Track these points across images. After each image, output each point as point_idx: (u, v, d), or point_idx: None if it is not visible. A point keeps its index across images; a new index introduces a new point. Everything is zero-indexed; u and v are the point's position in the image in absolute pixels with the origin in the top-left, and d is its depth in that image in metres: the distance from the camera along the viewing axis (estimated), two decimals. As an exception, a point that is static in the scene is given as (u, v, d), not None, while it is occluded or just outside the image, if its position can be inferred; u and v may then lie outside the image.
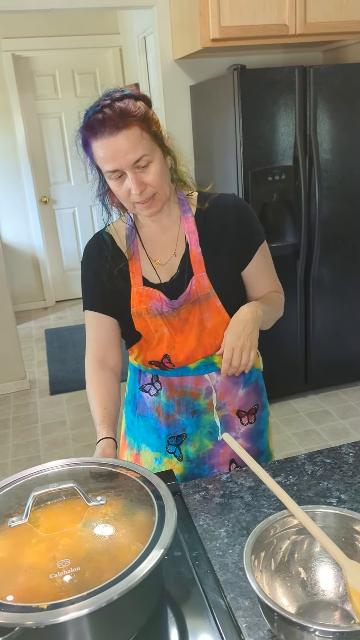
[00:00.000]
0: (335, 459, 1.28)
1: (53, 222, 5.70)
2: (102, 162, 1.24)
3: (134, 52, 4.56)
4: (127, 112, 1.22)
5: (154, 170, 1.25)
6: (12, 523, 0.88)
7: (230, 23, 2.89)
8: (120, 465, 1.04)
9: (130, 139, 1.21)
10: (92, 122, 1.23)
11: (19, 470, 2.82)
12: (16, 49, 4.98)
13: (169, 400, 1.46)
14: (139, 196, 1.26)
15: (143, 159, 1.23)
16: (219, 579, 0.97)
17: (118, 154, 1.21)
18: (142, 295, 1.38)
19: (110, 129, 1.20)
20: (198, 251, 1.38)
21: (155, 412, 1.49)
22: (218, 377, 1.45)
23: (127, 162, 1.22)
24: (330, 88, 2.98)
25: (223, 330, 1.39)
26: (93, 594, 0.75)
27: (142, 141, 1.22)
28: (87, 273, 1.45)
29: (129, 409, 1.58)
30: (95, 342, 1.45)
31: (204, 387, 1.44)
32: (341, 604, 0.89)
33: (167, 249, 1.40)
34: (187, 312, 1.38)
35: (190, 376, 1.43)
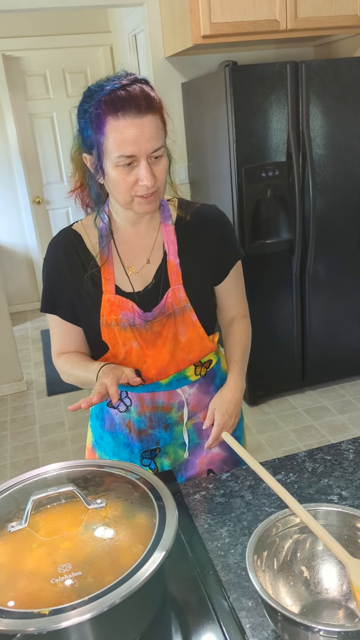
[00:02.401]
0: (335, 456, 1.27)
1: (47, 223, 5.68)
2: (120, 144, 1.13)
3: (124, 50, 4.55)
4: (152, 97, 1.15)
5: (162, 166, 1.19)
6: (12, 528, 0.87)
7: (221, 19, 2.87)
8: (120, 467, 1.03)
9: (155, 126, 1.14)
10: (114, 98, 1.12)
11: (18, 473, 2.81)
12: (6, 49, 4.96)
13: (140, 416, 1.39)
14: (147, 188, 1.17)
15: (159, 151, 1.16)
16: (222, 579, 0.96)
17: (141, 138, 1.12)
18: (113, 305, 1.29)
19: (137, 109, 1.11)
20: (176, 262, 1.31)
21: (125, 428, 1.42)
22: (190, 390, 1.40)
23: (146, 149, 1.14)
24: (322, 83, 2.98)
25: (197, 344, 1.35)
26: (95, 598, 0.74)
27: (161, 132, 1.17)
28: (51, 274, 1.35)
29: (96, 424, 1.50)
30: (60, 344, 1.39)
31: (176, 401, 1.39)
32: (345, 602, 0.89)
33: (141, 256, 1.33)
34: (161, 325, 1.31)
35: (162, 392, 1.37)
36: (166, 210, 1.35)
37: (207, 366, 1.42)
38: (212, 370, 1.44)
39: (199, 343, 1.36)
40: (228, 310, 1.46)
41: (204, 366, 1.42)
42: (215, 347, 1.43)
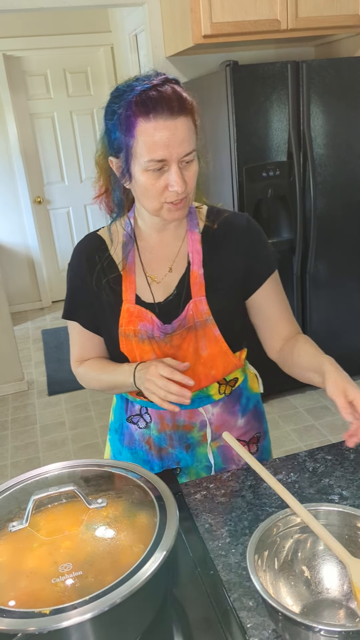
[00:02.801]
0: (336, 456, 1.27)
1: (48, 223, 5.68)
2: (150, 147, 1.07)
3: (125, 50, 4.55)
4: (184, 98, 1.08)
5: (193, 171, 1.13)
6: (13, 528, 0.87)
7: (222, 19, 2.87)
8: (121, 467, 1.03)
9: (187, 128, 1.08)
10: (145, 99, 1.06)
11: (19, 472, 2.81)
12: (7, 49, 4.96)
13: (161, 434, 1.34)
14: (178, 194, 1.11)
15: (191, 155, 1.10)
16: (222, 579, 0.96)
17: (173, 142, 1.06)
18: (132, 315, 1.24)
19: (170, 110, 1.05)
20: (200, 273, 1.24)
21: (145, 445, 1.36)
22: (213, 410, 1.33)
23: (178, 153, 1.07)
24: (323, 82, 2.98)
25: (219, 360, 1.29)
26: (96, 598, 0.74)
27: (193, 135, 1.10)
28: (74, 280, 1.31)
29: (115, 438, 1.45)
30: (80, 351, 1.36)
31: (198, 420, 1.33)
32: (346, 602, 0.88)
33: (164, 265, 1.27)
34: (181, 338, 1.24)
35: (183, 410, 1.30)
36: (193, 218, 1.28)
37: (232, 384, 1.36)
38: (237, 389, 1.38)
39: (222, 359, 1.29)
40: (276, 329, 1.33)
41: (228, 384, 1.35)
42: (242, 364, 1.36)
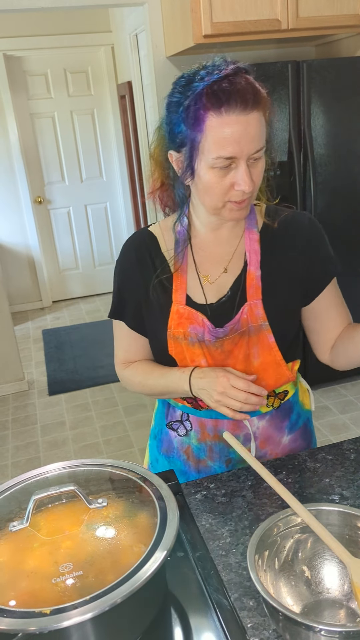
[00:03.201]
0: (336, 455, 1.27)
1: (48, 222, 5.68)
2: (220, 144, 0.99)
3: (126, 49, 4.55)
4: (259, 90, 1.00)
5: (261, 167, 1.06)
6: (13, 527, 0.87)
7: (222, 19, 2.87)
8: (121, 467, 1.03)
9: (260, 123, 1.00)
10: (217, 91, 0.97)
11: (19, 472, 2.82)
12: (7, 49, 4.96)
13: (201, 444, 1.27)
14: (244, 193, 1.04)
15: (261, 152, 1.03)
16: (223, 579, 0.96)
17: (245, 138, 0.98)
18: (182, 317, 1.17)
19: (243, 104, 0.97)
20: (257, 274, 1.17)
21: (183, 454, 1.30)
22: (259, 423, 1.26)
23: (249, 150, 1.00)
24: (323, 82, 2.98)
25: (272, 370, 1.21)
26: (96, 597, 0.74)
27: (264, 130, 1.02)
28: (122, 277, 1.24)
29: (154, 445, 1.39)
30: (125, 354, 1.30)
31: (242, 433, 1.25)
32: (346, 602, 0.88)
33: (218, 264, 1.20)
34: (233, 344, 1.17)
35: (226, 420, 1.24)
36: (252, 217, 1.20)
37: (281, 397, 1.28)
38: (287, 402, 1.30)
39: (275, 369, 1.21)
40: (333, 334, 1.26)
41: (277, 397, 1.27)
42: (294, 377, 1.27)
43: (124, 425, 3.49)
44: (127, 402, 3.76)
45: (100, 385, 4.01)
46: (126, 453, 3.20)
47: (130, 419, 3.55)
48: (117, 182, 5.72)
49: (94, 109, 5.46)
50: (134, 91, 4.51)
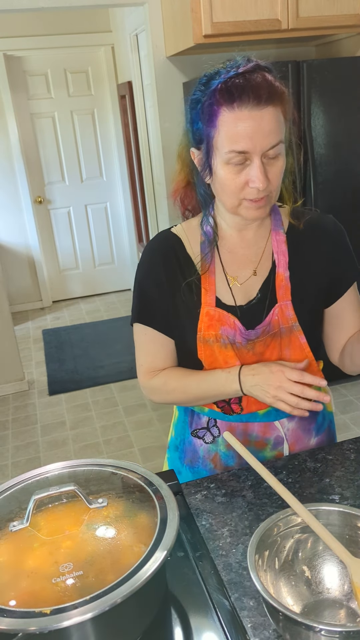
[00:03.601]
0: (337, 455, 1.27)
1: (48, 222, 5.69)
2: (233, 138, 0.99)
3: (126, 49, 4.55)
4: (275, 86, 0.99)
5: (279, 166, 1.04)
6: (14, 527, 0.87)
7: (223, 19, 2.87)
8: (121, 467, 1.03)
9: (275, 119, 0.99)
10: (230, 86, 0.98)
11: (19, 472, 2.82)
12: (8, 49, 4.96)
13: (229, 451, 1.25)
14: (259, 191, 1.03)
15: (277, 147, 1.01)
16: (223, 579, 0.96)
17: (258, 133, 0.98)
18: (212, 319, 1.15)
19: (256, 99, 0.97)
20: (286, 275, 1.16)
21: (210, 463, 1.27)
22: (289, 425, 1.24)
23: (262, 146, 0.99)
24: (323, 82, 2.97)
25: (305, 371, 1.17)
26: (96, 597, 0.74)
27: (282, 126, 1.01)
28: (146, 281, 1.22)
29: (175, 456, 1.36)
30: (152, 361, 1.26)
31: (273, 436, 1.24)
32: (346, 602, 0.88)
33: (246, 266, 1.18)
34: (264, 346, 1.16)
35: (257, 423, 1.22)
36: (278, 218, 1.19)
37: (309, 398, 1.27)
38: None
39: (307, 370, 1.19)
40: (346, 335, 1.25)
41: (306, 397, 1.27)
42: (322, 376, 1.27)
43: (124, 425, 3.49)
44: (127, 402, 3.76)
45: (100, 385, 4.01)
46: (126, 453, 3.20)
47: (131, 419, 3.55)
48: (117, 182, 5.72)
49: (94, 109, 5.47)
50: (134, 91, 4.51)
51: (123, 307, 5.60)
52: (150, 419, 3.52)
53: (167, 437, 3.38)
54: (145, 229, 5.01)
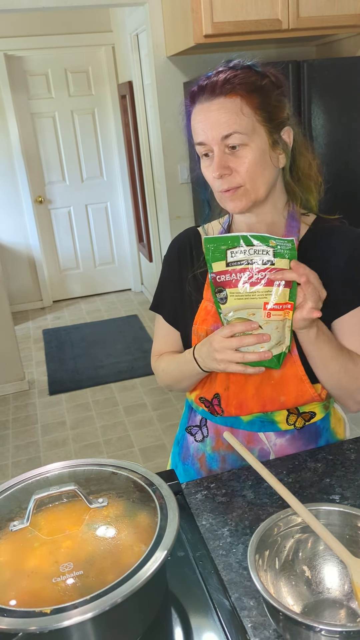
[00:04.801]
0: (337, 455, 1.27)
1: (49, 222, 5.69)
2: (193, 132, 1.07)
3: (126, 49, 4.55)
4: (232, 79, 1.02)
5: (246, 156, 1.03)
6: (14, 527, 0.87)
7: (223, 19, 2.87)
8: (122, 466, 1.03)
9: (226, 109, 1.01)
10: (196, 88, 1.06)
11: (20, 472, 2.82)
12: (8, 49, 4.96)
13: (214, 453, 1.26)
14: (218, 180, 1.05)
15: (233, 137, 1.02)
16: (223, 578, 0.96)
17: (206, 124, 1.03)
18: (208, 314, 1.17)
19: (207, 94, 1.03)
20: None
21: (197, 462, 1.29)
22: (277, 440, 1.22)
23: (213, 136, 1.03)
24: (324, 82, 2.97)
25: (293, 386, 1.16)
26: (97, 597, 0.74)
27: (240, 116, 1.01)
28: (165, 272, 1.28)
29: (176, 451, 1.37)
30: (159, 347, 1.31)
31: (257, 447, 1.23)
32: (347, 602, 0.88)
33: None
34: None
35: (242, 430, 1.21)
36: (294, 224, 1.16)
37: (306, 418, 1.23)
38: (313, 426, 1.26)
39: (296, 386, 1.16)
40: None
41: (301, 416, 1.22)
42: (320, 398, 1.21)
43: (124, 425, 3.49)
44: (127, 402, 3.76)
45: (100, 385, 4.02)
46: (126, 453, 3.20)
47: (131, 418, 3.55)
48: (118, 182, 5.72)
49: (94, 108, 5.47)
50: (134, 91, 4.51)
51: (123, 307, 5.60)
52: (151, 419, 3.52)
53: (167, 437, 3.40)
54: (146, 228, 5.01)
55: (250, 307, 1.02)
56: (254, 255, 1.01)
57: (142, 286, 5.96)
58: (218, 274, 1.03)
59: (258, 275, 1.01)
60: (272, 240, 1.01)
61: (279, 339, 1.02)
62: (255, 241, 1.01)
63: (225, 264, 1.03)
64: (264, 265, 1.01)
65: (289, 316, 1.02)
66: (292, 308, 1.02)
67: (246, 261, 1.01)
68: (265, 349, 1.02)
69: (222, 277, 1.03)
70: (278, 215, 1.16)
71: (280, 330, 1.02)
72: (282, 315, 1.02)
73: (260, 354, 1.00)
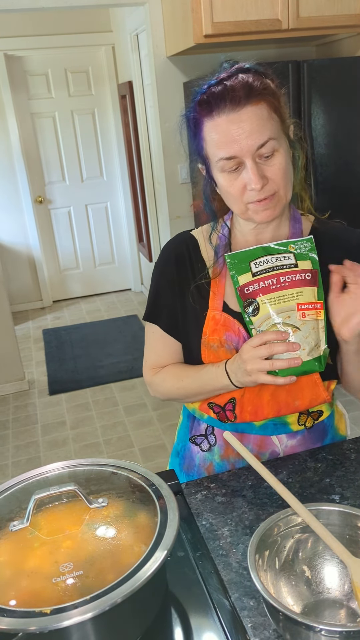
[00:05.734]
0: (337, 455, 1.27)
1: (49, 222, 5.69)
2: (216, 146, 0.99)
3: (126, 49, 4.55)
4: (251, 84, 0.97)
5: (279, 162, 1.01)
6: (14, 527, 0.87)
7: (223, 19, 2.87)
8: (121, 466, 1.03)
9: (257, 117, 0.97)
10: (208, 97, 0.98)
11: (20, 472, 2.82)
12: (8, 49, 4.96)
13: (223, 461, 1.24)
14: (258, 192, 1.00)
15: (268, 145, 0.98)
16: (223, 578, 0.96)
17: (239, 135, 0.97)
18: (217, 323, 1.14)
19: (233, 102, 0.96)
20: None
21: (204, 472, 1.27)
22: (289, 442, 1.21)
23: (249, 147, 0.97)
24: (324, 82, 2.98)
25: (307, 390, 1.15)
26: (96, 597, 0.74)
27: (271, 122, 0.98)
28: (160, 279, 1.22)
29: (175, 462, 1.34)
30: (156, 359, 1.26)
31: (269, 450, 1.22)
32: (347, 602, 0.88)
33: None
34: None
35: (253, 435, 1.20)
36: (297, 226, 1.15)
37: (315, 417, 1.23)
38: (321, 424, 1.26)
39: (311, 390, 1.16)
40: None
41: (311, 416, 1.23)
42: (330, 398, 1.22)
43: (124, 425, 3.49)
44: (127, 402, 3.76)
45: (100, 385, 4.02)
46: (126, 453, 3.20)
47: (131, 418, 3.55)
48: (118, 182, 5.72)
49: (94, 108, 5.46)
50: (134, 91, 4.51)
51: (123, 307, 5.60)
52: (151, 419, 3.52)
53: (167, 437, 3.39)
54: (146, 228, 5.01)
55: (284, 311, 1.04)
56: (277, 262, 1.04)
57: (142, 286, 5.96)
58: (245, 285, 1.05)
59: (285, 278, 1.04)
60: (291, 244, 1.04)
61: (317, 340, 1.04)
62: (275, 249, 1.04)
63: (251, 275, 1.05)
64: (289, 268, 1.04)
65: (320, 316, 1.05)
66: (322, 307, 1.05)
67: (271, 268, 1.04)
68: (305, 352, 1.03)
69: (250, 287, 1.05)
70: (283, 218, 1.15)
71: (316, 331, 1.04)
72: (315, 315, 1.04)
73: (290, 361, 0.99)
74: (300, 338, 1.03)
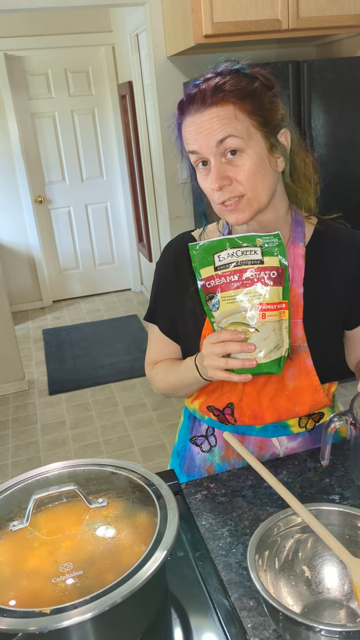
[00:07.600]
0: (337, 455, 1.27)
1: (49, 222, 5.69)
2: (186, 141, 1.04)
3: (126, 49, 4.55)
4: (223, 86, 0.99)
5: (245, 164, 1.00)
6: (14, 527, 0.87)
7: (223, 19, 2.87)
8: (121, 466, 1.03)
9: (218, 118, 0.98)
10: (184, 99, 1.03)
11: (19, 472, 2.82)
12: (8, 49, 4.96)
13: (224, 462, 1.24)
14: (218, 192, 1.01)
15: (229, 141, 0.98)
16: (223, 579, 0.96)
17: (199, 134, 0.99)
18: None
19: (198, 105, 1.00)
20: (299, 292, 1.11)
21: (205, 473, 1.27)
22: (289, 444, 1.21)
23: (208, 143, 0.99)
24: (324, 82, 2.97)
25: (307, 396, 1.15)
26: (96, 597, 0.74)
27: (235, 122, 0.98)
28: (159, 280, 1.22)
29: (176, 463, 1.34)
30: (154, 357, 1.27)
31: (269, 452, 1.22)
32: (346, 602, 0.88)
33: None
34: None
35: (254, 437, 1.20)
36: (299, 229, 1.13)
37: (316, 419, 1.24)
38: (322, 425, 1.26)
39: (311, 395, 1.15)
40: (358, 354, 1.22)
41: (312, 418, 1.23)
42: (330, 402, 1.22)
43: (124, 425, 3.49)
44: (127, 402, 3.76)
45: (100, 385, 4.02)
46: (126, 453, 3.20)
47: (131, 418, 3.55)
48: (118, 182, 5.72)
49: (94, 108, 5.46)
50: (134, 91, 4.51)
51: (123, 307, 5.60)
52: (150, 419, 3.52)
53: (166, 437, 3.40)
54: (146, 228, 5.01)
55: (244, 310, 1.00)
56: (242, 256, 0.99)
57: (141, 286, 5.96)
58: (207, 279, 1.01)
59: (248, 275, 0.99)
60: (258, 238, 0.99)
61: (277, 341, 1.00)
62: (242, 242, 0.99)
63: (214, 269, 1.01)
64: (254, 265, 0.99)
65: (284, 316, 1.00)
66: (287, 307, 1.00)
67: (235, 263, 0.99)
68: (262, 354, 0.99)
69: (212, 282, 1.01)
70: (281, 221, 1.13)
71: (277, 332, 1.00)
72: (277, 316, 1.00)
73: (244, 361, 0.98)
74: (258, 339, 0.99)
